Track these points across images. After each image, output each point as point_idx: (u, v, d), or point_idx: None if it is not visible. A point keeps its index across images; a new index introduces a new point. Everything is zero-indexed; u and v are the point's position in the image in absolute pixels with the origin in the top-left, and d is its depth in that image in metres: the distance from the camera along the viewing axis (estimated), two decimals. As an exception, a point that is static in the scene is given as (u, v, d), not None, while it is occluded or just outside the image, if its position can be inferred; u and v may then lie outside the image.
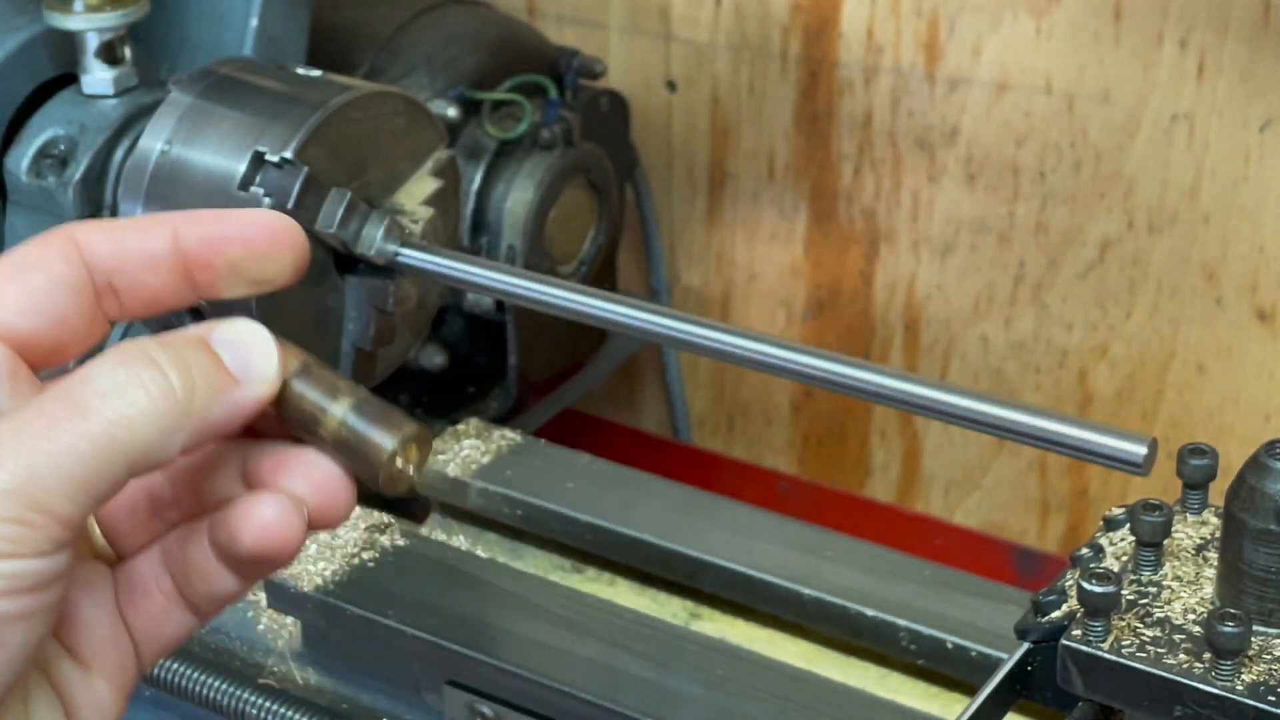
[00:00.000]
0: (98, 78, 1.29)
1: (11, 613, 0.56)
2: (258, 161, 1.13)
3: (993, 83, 1.59)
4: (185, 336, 0.61)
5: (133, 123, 1.28)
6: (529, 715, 1.05)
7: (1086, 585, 0.76)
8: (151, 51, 1.35)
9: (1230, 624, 0.74)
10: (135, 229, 0.63)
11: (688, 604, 1.16)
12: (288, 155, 1.12)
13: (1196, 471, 0.83)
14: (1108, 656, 0.77)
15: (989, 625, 1.07)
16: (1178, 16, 1.50)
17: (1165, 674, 0.75)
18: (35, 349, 0.62)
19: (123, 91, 1.29)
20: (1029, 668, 0.82)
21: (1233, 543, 0.77)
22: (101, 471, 0.57)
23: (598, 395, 1.85)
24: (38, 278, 0.62)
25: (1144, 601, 0.79)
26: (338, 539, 1.15)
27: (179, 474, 0.64)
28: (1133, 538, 0.81)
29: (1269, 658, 0.76)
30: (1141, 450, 0.83)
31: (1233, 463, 0.80)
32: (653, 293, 1.80)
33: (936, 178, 1.65)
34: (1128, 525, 0.83)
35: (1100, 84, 1.55)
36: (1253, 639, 0.76)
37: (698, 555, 1.14)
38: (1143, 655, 0.76)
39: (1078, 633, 0.78)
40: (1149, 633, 0.77)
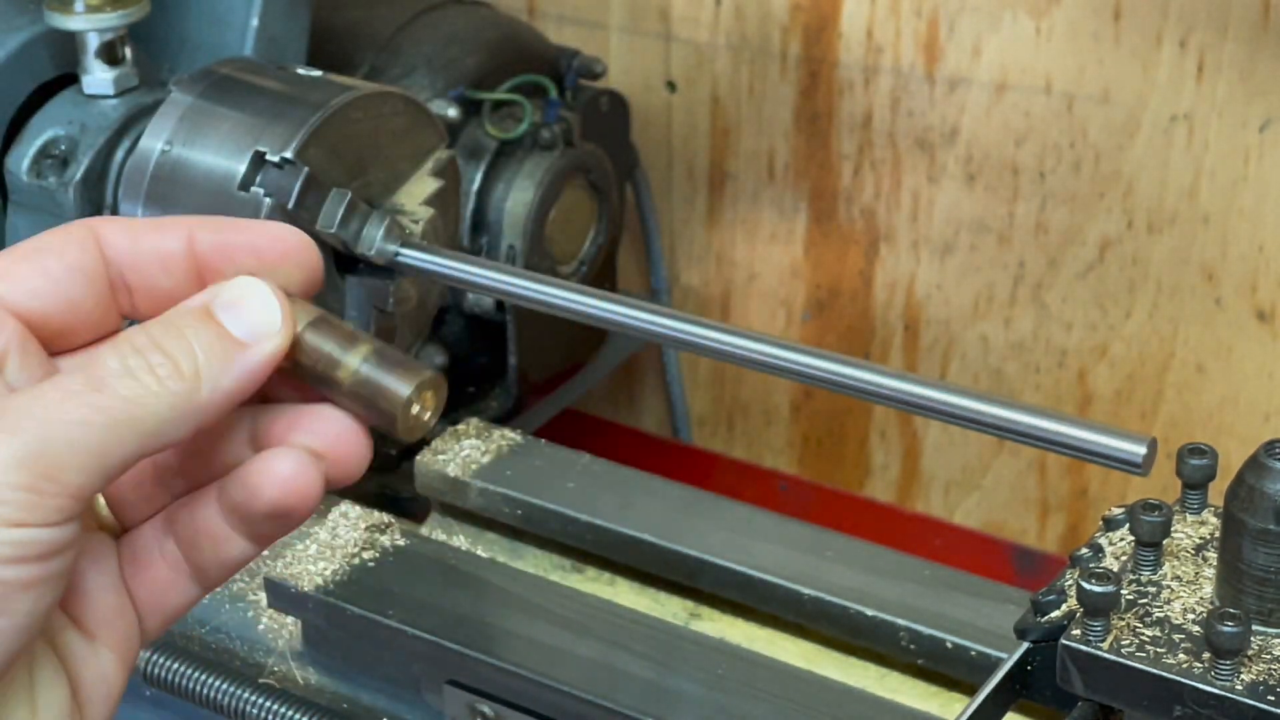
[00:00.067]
0: (98, 78, 1.29)
1: (19, 580, 0.57)
2: (258, 161, 1.13)
3: (992, 83, 1.59)
4: (189, 310, 0.62)
5: (133, 123, 1.28)
6: (529, 715, 1.05)
7: (1086, 585, 0.76)
8: (152, 52, 1.35)
9: (1230, 624, 0.74)
10: (152, 228, 0.64)
11: (687, 604, 1.16)
12: (288, 155, 1.13)
13: (1196, 471, 0.83)
14: (1107, 656, 0.77)
15: (989, 625, 1.07)
16: (1177, 17, 1.50)
17: (1165, 674, 0.76)
18: (46, 329, 0.63)
19: (123, 92, 1.29)
20: (1028, 667, 0.82)
21: (1232, 542, 0.77)
22: (114, 446, 0.58)
23: (598, 395, 1.85)
24: (53, 261, 0.63)
25: (1143, 601, 0.79)
26: (338, 539, 1.15)
27: (187, 442, 0.65)
28: (1132, 538, 0.81)
29: (1268, 657, 0.76)
30: (1141, 450, 0.83)
31: (1232, 463, 0.80)
32: (653, 293, 1.80)
33: (936, 178, 1.65)
34: (1127, 525, 0.83)
35: (1100, 84, 1.55)
36: (1252, 639, 0.76)
37: (697, 555, 1.14)
38: (1142, 655, 0.76)
39: (1077, 632, 0.78)
40: (1148, 632, 0.78)
